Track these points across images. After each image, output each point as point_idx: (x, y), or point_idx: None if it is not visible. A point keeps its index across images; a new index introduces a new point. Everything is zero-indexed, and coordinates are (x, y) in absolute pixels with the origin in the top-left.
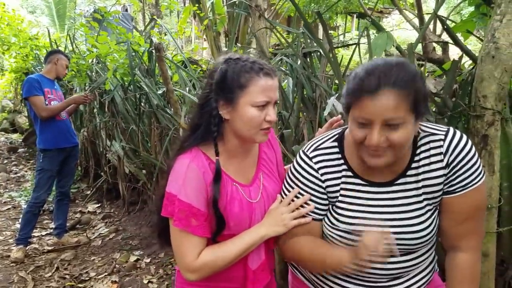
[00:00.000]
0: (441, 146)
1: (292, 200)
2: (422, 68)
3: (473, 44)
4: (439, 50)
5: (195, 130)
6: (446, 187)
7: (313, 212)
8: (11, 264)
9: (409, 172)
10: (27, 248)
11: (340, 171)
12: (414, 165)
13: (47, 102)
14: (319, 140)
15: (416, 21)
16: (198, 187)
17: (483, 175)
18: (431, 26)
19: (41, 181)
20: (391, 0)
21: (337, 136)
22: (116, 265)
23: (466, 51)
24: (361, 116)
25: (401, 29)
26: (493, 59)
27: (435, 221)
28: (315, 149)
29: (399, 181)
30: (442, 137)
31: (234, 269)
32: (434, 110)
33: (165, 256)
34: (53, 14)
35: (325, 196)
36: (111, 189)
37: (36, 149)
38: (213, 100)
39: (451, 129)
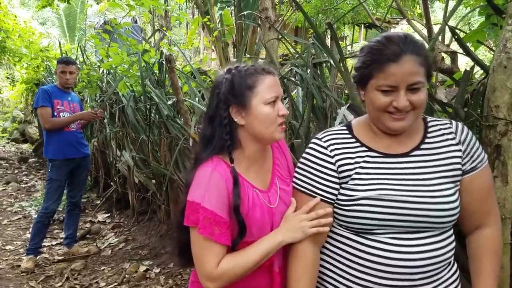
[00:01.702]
0: (450, 127)
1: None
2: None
3: (481, 54)
4: (447, 60)
5: (209, 142)
6: (468, 165)
7: (321, 190)
8: (22, 274)
9: (424, 146)
10: (37, 258)
11: (353, 148)
12: (427, 140)
13: (55, 114)
14: (329, 128)
15: (424, 31)
16: (221, 194)
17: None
18: (439, 36)
19: (50, 191)
20: (399, 11)
21: (345, 123)
22: (126, 275)
23: (477, 61)
24: (387, 83)
25: None
26: (505, 69)
27: (458, 198)
28: (325, 132)
29: (414, 153)
30: (448, 121)
31: (259, 275)
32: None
33: (174, 267)
34: (64, 26)
35: (335, 174)
36: (120, 199)
37: (46, 159)
38: (223, 110)
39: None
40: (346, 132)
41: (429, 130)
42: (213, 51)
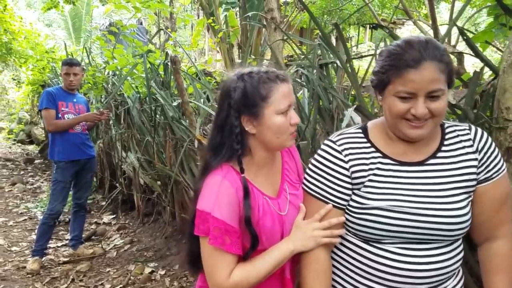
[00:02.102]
0: (468, 134)
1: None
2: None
3: (487, 54)
4: (454, 61)
5: (218, 150)
6: (482, 174)
7: (334, 196)
8: (27, 276)
9: (440, 154)
10: (43, 259)
11: (368, 153)
12: (444, 148)
13: (60, 115)
14: (343, 130)
15: (430, 32)
16: (231, 203)
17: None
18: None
19: (55, 193)
20: (405, 12)
21: (360, 125)
22: (131, 277)
23: (486, 62)
24: (405, 90)
25: None
26: None
27: (470, 210)
28: (339, 134)
29: (430, 162)
30: (467, 127)
31: (271, 283)
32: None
33: (179, 268)
34: (69, 28)
35: (348, 180)
36: (126, 200)
37: (51, 161)
38: (234, 118)
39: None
40: (361, 135)
41: (446, 136)
42: (218, 53)
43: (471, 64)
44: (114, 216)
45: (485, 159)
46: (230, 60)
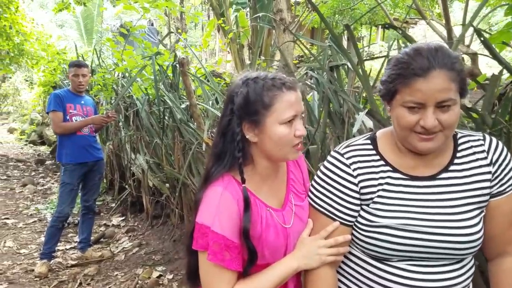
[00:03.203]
0: (482, 145)
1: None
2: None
3: (503, 55)
4: (468, 61)
5: (220, 158)
6: (495, 188)
7: (342, 213)
8: (35, 279)
9: (452, 168)
10: (51, 262)
11: (377, 167)
12: (456, 161)
13: (68, 118)
14: (351, 140)
15: (444, 32)
16: (232, 217)
17: None
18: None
19: (63, 195)
20: (418, 11)
21: (369, 135)
22: (139, 281)
23: (505, 65)
24: (413, 100)
25: (427, 39)
26: None
27: (482, 226)
28: (347, 146)
29: (442, 176)
30: (481, 137)
31: None
32: (471, 127)
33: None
34: (81, 29)
35: (357, 195)
36: (135, 202)
37: (60, 163)
38: (236, 125)
39: (484, 134)
40: (370, 147)
41: (459, 148)
42: (229, 53)
43: (485, 64)
44: (123, 218)
45: (499, 171)
46: (240, 61)
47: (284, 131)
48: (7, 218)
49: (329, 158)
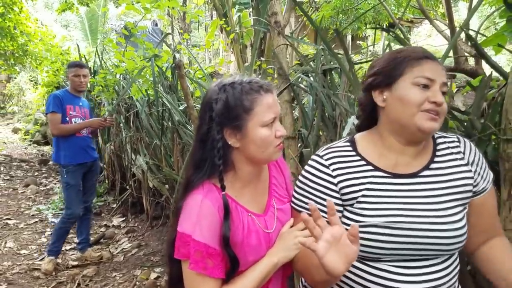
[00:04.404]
0: (458, 146)
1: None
2: (449, 83)
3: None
4: (471, 61)
5: (200, 166)
6: (480, 185)
7: (322, 212)
8: (34, 279)
9: (433, 166)
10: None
11: (358, 167)
12: (436, 159)
13: (67, 119)
14: (330, 144)
15: (447, 31)
16: (213, 224)
17: None
18: (462, 35)
19: (71, 196)
20: (421, 11)
21: (348, 138)
22: (137, 283)
23: (496, 68)
24: (426, 76)
25: (432, 39)
26: None
27: (465, 223)
28: (326, 149)
29: (423, 173)
30: (455, 138)
31: None
32: (460, 131)
33: None
34: (86, 29)
35: (337, 195)
36: (135, 203)
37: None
38: (216, 132)
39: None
40: (350, 148)
41: (438, 148)
42: (232, 53)
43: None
44: (124, 218)
45: (479, 170)
46: (243, 61)
47: (266, 133)
48: (9, 219)
49: (309, 161)
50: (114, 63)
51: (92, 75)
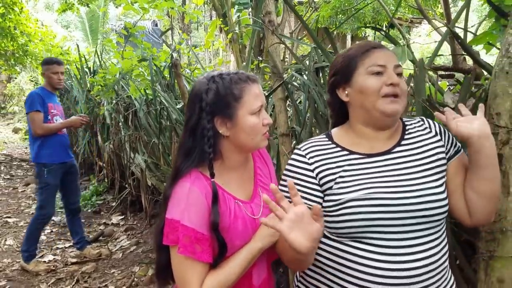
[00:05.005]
0: (423, 124)
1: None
2: (440, 82)
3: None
4: (470, 60)
5: (189, 154)
6: (451, 150)
7: (306, 199)
8: (33, 276)
9: (404, 142)
10: (50, 259)
11: (334, 153)
12: (406, 136)
13: (49, 118)
14: (310, 139)
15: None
16: (201, 210)
17: None
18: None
19: (48, 197)
20: (420, 11)
21: (325, 133)
22: (135, 279)
23: (482, 65)
24: (376, 63)
25: (432, 38)
26: (507, 75)
27: (444, 190)
28: (305, 143)
29: (396, 149)
30: (419, 119)
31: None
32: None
33: None
34: (86, 29)
35: (315, 181)
36: (134, 201)
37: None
38: (205, 121)
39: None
40: (326, 139)
41: (407, 128)
42: (232, 53)
43: (492, 62)
44: (123, 217)
45: (447, 137)
46: (242, 61)
47: (255, 121)
48: (9, 217)
49: (291, 156)
50: (113, 63)
51: (92, 75)
